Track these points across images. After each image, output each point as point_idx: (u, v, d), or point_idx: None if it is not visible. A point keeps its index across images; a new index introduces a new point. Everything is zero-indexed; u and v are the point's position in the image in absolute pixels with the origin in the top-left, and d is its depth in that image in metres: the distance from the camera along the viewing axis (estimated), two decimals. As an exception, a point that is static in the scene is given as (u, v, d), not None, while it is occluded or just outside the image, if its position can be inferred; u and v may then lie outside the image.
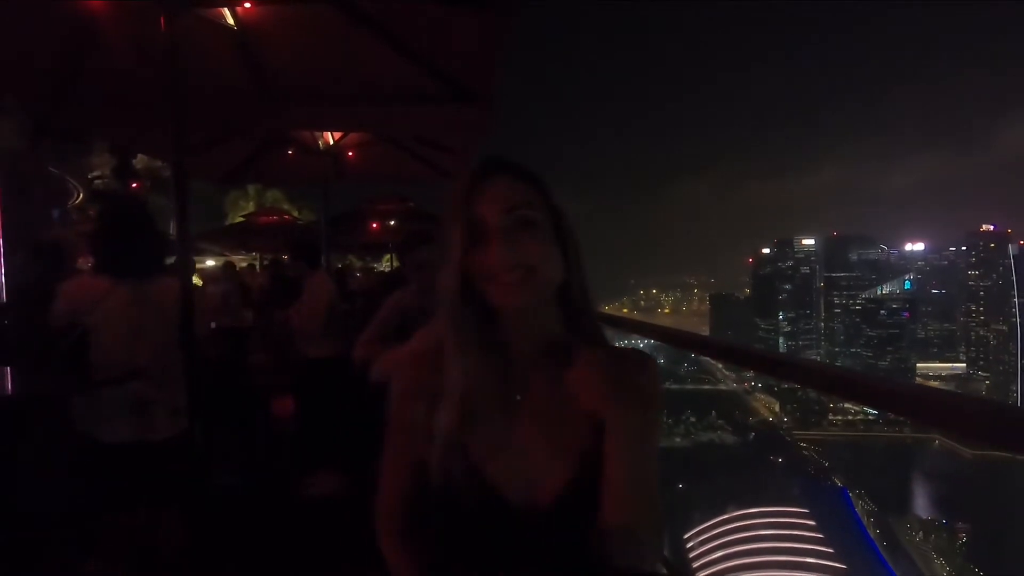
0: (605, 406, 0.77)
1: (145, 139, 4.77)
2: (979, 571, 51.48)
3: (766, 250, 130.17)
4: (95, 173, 13.11)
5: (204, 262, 12.52)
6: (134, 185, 13.03)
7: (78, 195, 12.32)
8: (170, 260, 2.65)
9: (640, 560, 0.75)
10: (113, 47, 3.07)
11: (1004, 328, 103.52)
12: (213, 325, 5.10)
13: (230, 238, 10.80)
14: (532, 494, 0.77)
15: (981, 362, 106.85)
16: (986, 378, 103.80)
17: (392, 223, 9.14)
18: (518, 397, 0.81)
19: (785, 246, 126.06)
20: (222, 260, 10.03)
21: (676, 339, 1.43)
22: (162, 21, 2.45)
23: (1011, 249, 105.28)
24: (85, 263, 3.15)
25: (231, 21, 3.10)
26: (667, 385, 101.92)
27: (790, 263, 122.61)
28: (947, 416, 0.71)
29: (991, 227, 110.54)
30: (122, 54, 3.10)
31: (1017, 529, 56.27)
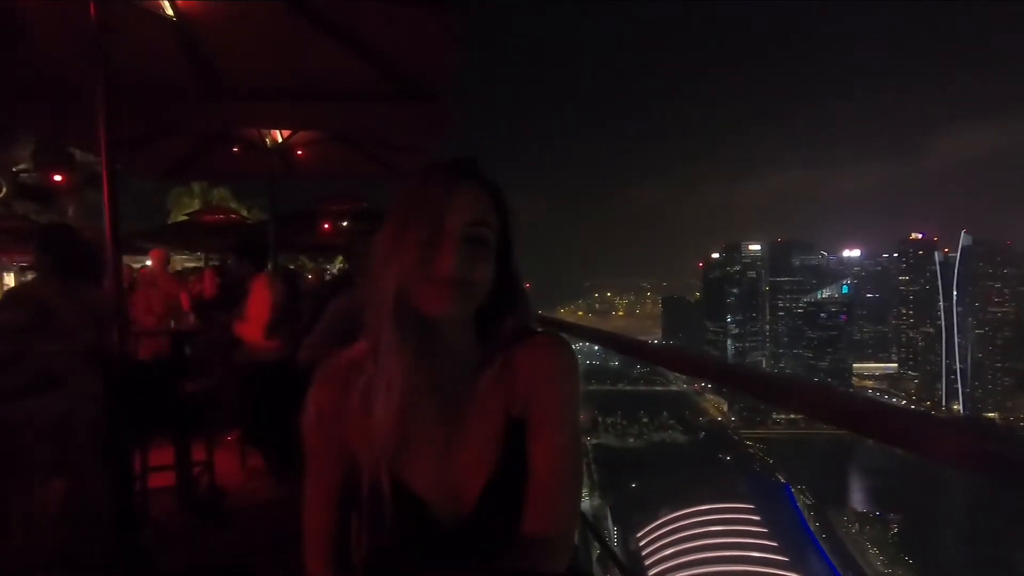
0: (527, 393, 0.79)
1: (76, 132, 4.49)
2: (909, 559, 54.63)
3: (715, 255, 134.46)
4: (21, 166, 12.28)
5: (144, 263, 11.91)
6: (59, 179, 12.23)
7: (2, 189, 11.56)
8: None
9: (557, 560, 0.77)
10: (39, 34, 2.88)
11: (931, 330, 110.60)
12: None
13: (172, 237, 10.29)
14: (456, 504, 0.78)
15: (911, 362, 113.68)
16: (915, 377, 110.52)
17: (345, 223, 8.93)
18: (445, 406, 0.80)
19: (733, 251, 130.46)
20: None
21: (620, 346, 1.44)
22: (91, 8, 2.31)
23: (937, 256, 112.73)
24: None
25: (170, 11, 2.95)
26: (621, 386, 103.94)
27: (738, 267, 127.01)
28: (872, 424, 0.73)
29: (919, 235, 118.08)
30: (48, 42, 2.91)
31: (943, 519, 60.23)
